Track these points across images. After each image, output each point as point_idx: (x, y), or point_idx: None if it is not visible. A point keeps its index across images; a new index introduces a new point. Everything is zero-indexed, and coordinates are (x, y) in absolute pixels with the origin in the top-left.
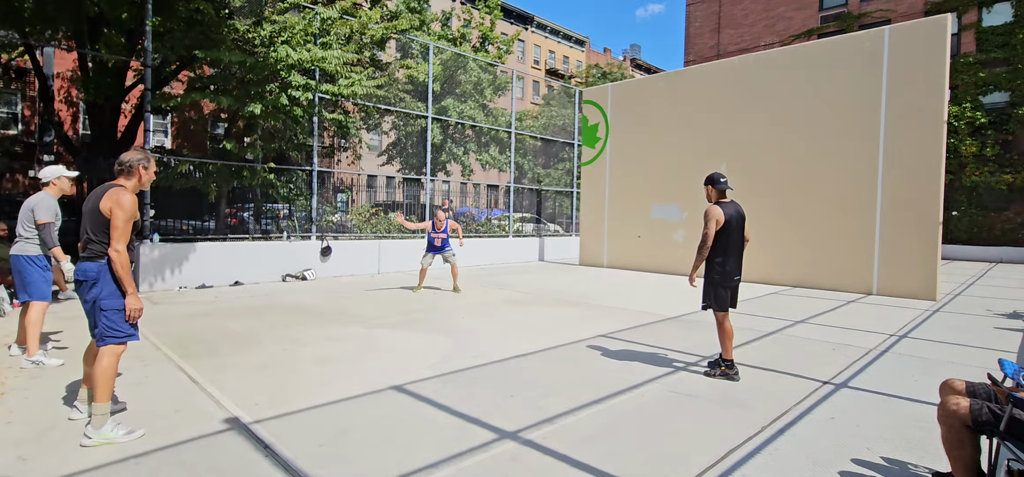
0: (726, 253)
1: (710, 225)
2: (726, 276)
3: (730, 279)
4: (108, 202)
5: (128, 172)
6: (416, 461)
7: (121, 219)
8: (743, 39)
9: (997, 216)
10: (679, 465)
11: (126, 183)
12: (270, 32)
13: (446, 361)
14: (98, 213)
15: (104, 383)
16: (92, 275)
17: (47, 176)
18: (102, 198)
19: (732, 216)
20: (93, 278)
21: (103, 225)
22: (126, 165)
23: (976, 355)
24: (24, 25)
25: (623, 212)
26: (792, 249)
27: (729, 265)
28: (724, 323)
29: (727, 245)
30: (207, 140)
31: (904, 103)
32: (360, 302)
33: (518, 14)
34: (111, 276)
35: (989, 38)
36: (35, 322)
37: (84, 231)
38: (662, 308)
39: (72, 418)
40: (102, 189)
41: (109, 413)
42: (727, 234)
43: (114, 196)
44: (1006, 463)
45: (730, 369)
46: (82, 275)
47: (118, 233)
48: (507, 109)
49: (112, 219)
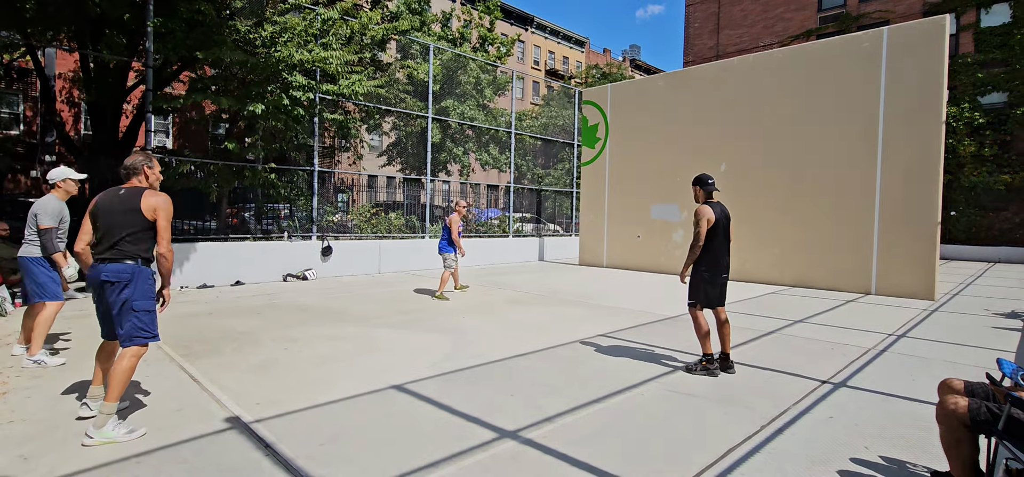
0: (715, 251)
1: (702, 225)
2: (715, 274)
3: (719, 276)
4: (152, 201)
5: (136, 174)
6: (417, 460)
7: (165, 218)
8: (742, 40)
9: (995, 216)
10: (679, 464)
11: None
12: (271, 33)
13: (446, 361)
14: (135, 213)
15: (122, 383)
16: (126, 276)
17: (54, 178)
18: (139, 199)
19: (720, 216)
20: (126, 279)
21: (138, 225)
22: (131, 168)
23: (974, 355)
24: (26, 26)
25: (623, 212)
26: (791, 249)
27: (718, 263)
28: (700, 320)
29: (716, 244)
30: (208, 140)
31: (903, 103)
32: (361, 302)
33: (518, 15)
34: (146, 277)
35: (987, 39)
36: (44, 322)
37: (109, 232)
38: (662, 308)
39: (82, 416)
40: (132, 192)
41: (115, 413)
42: (716, 233)
43: (154, 197)
44: (1004, 462)
45: (710, 363)
46: (113, 276)
47: (165, 232)
48: (507, 109)
49: (158, 219)
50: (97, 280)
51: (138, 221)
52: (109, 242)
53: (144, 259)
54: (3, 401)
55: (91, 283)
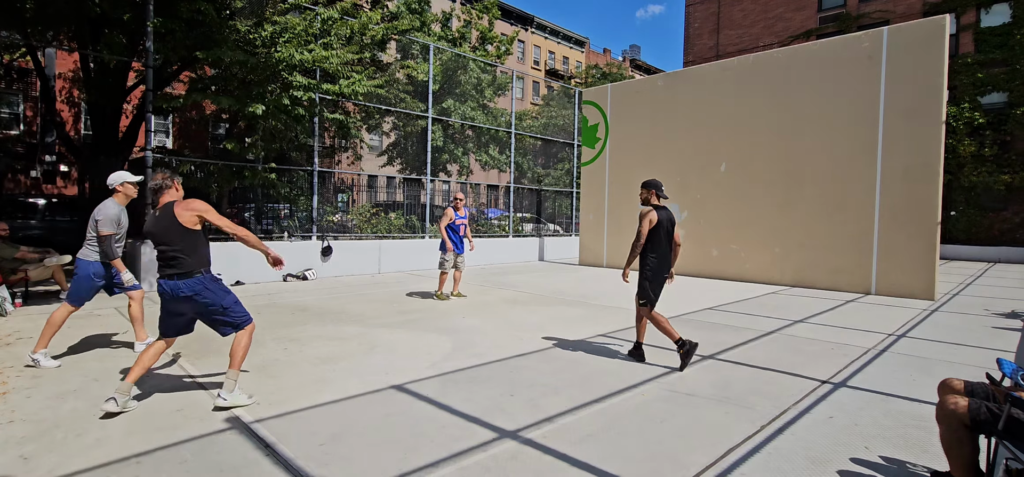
0: (658, 252)
1: (644, 224)
2: (659, 274)
3: (661, 276)
4: (188, 213)
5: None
6: (417, 460)
7: (213, 214)
8: (742, 40)
9: (995, 216)
10: (678, 464)
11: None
12: (271, 33)
13: (446, 360)
14: (182, 227)
15: (243, 356)
16: (197, 290)
17: (113, 182)
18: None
19: (664, 219)
20: (198, 291)
21: (188, 237)
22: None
23: (974, 354)
24: (26, 26)
25: (623, 212)
26: (790, 249)
27: (663, 264)
28: (657, 318)
29: (659, 244)
30: (208, 140)
31: (903, 103)
32: (361, 302)
33: (518, 15)
34: (212, 280)
35: (987, 39)
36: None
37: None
38: (661, 308)
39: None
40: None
41: (237, 381)
42: (658, 234)
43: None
44: (1004, 462)
45: (684, 345)
46: (189, 291)
47: (224, 223)
48: (507, 109)
49: (209, 219)
50: (173, 295)
51: (184, 231)
52: (170, 258)
53: (205, 266)
54: (3, 401)
55: (163, 294)
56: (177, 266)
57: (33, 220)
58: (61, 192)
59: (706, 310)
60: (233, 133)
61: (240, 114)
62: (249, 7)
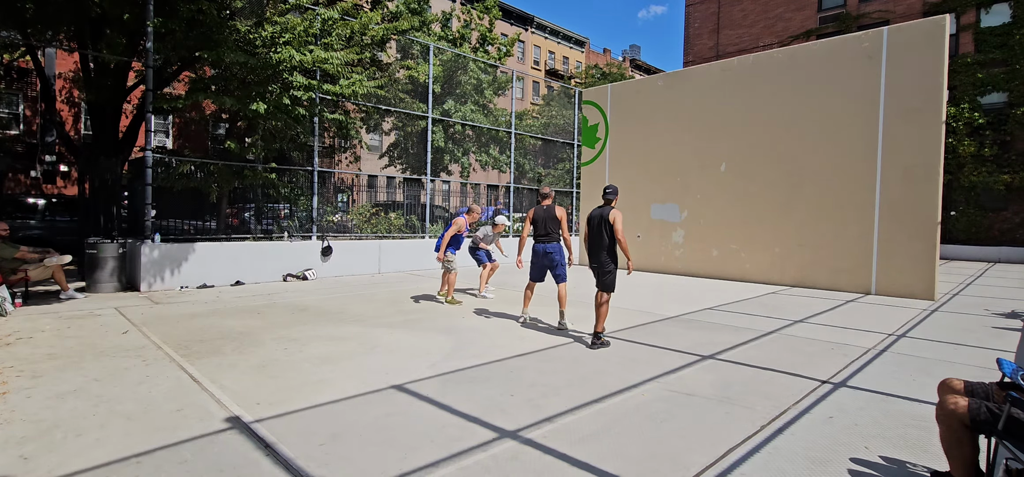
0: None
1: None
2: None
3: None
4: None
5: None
6: (416, 460)
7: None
8: (742, 40)
9: (995, 216)
10: (678, 464)
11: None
12: (271, 33)
13: (446, 361)
14: (553, 221)
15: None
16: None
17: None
18: (555, 211)
19: (594, 216)
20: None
21: (558, 227)
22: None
23: (974, 354)
24: (26, 26)
25: (623, 212)
26: (790, 249)
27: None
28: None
29: (587, 239)
30: (208, 140)
31: (903, 103)
32: (361, 302)
33: (518, 15)
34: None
35: (987, 39)
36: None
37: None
38: (661, 308)
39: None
40: (550, 208)
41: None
42: (589, 230)
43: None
44: (1004, 462)
45: (597, 339)
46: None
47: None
48: (507, 109)
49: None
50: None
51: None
52: (543, 230)
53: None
54: (3, 401)
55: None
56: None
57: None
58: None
59: (706, 310)
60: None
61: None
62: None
